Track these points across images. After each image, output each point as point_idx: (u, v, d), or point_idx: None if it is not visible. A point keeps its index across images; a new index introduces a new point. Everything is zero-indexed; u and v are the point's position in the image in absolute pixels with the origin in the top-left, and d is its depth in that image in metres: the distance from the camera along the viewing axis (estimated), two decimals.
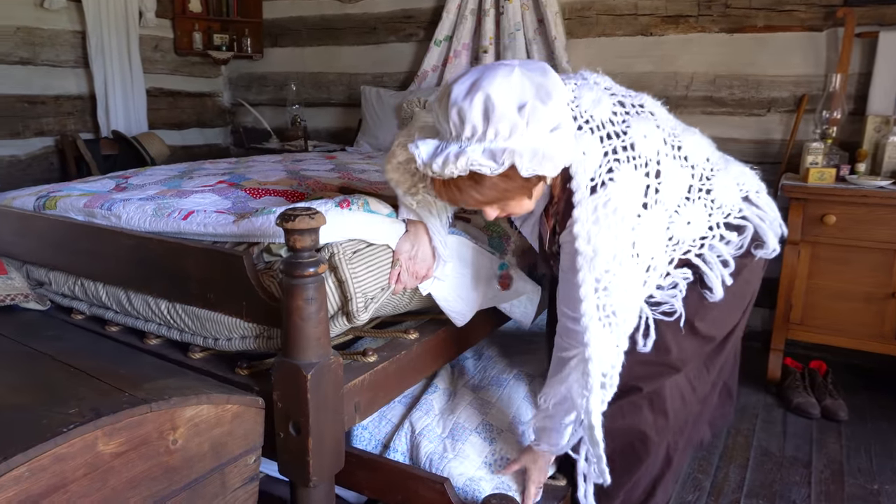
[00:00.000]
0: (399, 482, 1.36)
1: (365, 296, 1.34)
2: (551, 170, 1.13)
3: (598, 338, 1.20)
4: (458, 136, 1.12)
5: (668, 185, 1.25)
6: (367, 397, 1.37)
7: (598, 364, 1.21)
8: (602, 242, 1.17)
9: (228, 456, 1.14)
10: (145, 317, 1.49)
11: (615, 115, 1.25)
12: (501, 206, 1.24)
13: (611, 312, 1.20)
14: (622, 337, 1.23)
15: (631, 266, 1.20)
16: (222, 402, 1.11)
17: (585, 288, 1.19)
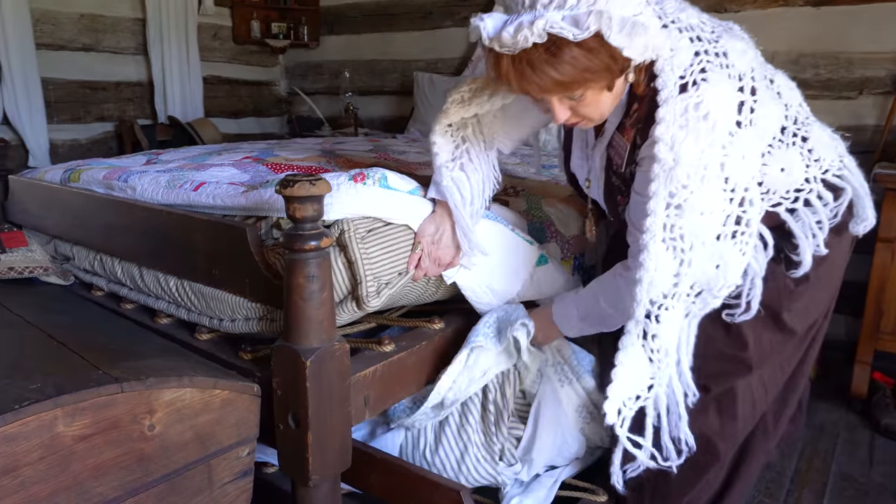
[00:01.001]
0: (411, 487, 1.22)
1: (378, 279, 1.21)
2: (640, 48, 0.96)
3: (656, 259, 1.02)
4: (532, 5, 0.95)
5: (763, 112, 1.05)
6: (379, 390, 1.23)
7: (648, 289, 1.04)
8: (686, 151, 0.99)
9: (216, 447, 1.03)
10: (156, 294, 1.41)
11: (704, 24, 1.07)
12: (576, 103, 1.06)
13: (678, 236, 1.02)
14: (685, 276, 1.04)
15: (714, 190, 1.01)
16: (208, 386, 1.00)
17: (655, 201, 1.01)
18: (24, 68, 3.03)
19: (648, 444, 1.14)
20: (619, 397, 1.12)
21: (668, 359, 1.11)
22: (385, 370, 1.24)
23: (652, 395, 1.13)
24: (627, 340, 1.11)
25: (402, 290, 1.34)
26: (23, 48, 3.02)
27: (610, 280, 1.25)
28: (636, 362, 1.11)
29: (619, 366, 1.11)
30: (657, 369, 1.12)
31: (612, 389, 1.11)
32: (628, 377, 1.12)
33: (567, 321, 1.35)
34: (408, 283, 1.30)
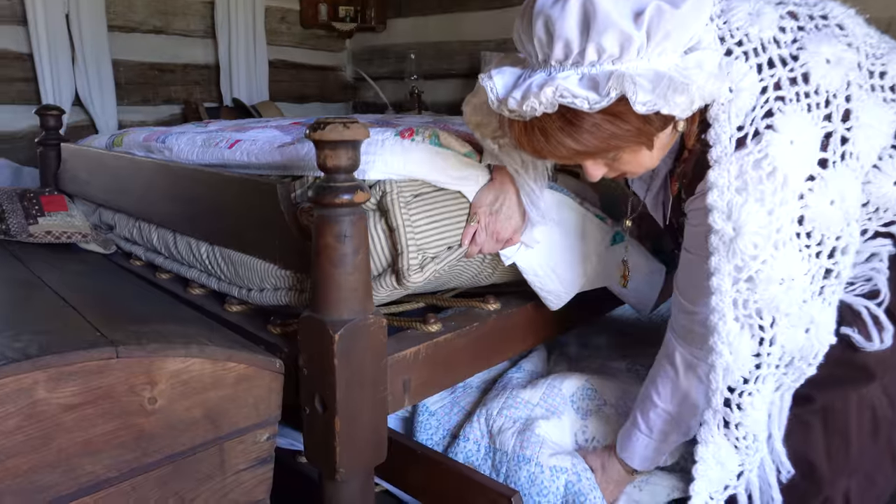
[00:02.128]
0: (455, 488, 1.05)
1: (422, 252, 1.05)
2: (684, 107, 0.79)
3: (730, 341, 0.85)
4: (545, 60, 0.81)
5: (863, 130, 0.85)
6: (421, 375, 1.07)
7: (724, 377, 0.88)
8: (748, 218, 0.81)
9: (230, 428, 0.90)
10: (188, 262, 1.31)
11: (783, 33, 0.86)
12: (609, 161, 0.91)
13: (753, 312, 0.83)
14: (769, 355, 0.87)
15: (794, 252, 0.82)
16: (221, 357, 0.87)
17: (719, 278, 0.84)
18: (96, 50, 3.06)
19: None
20: (705, 494, 0.95)
21: (757, 443, 0.93)
22: (429, 352, 1.08)
23: (742, 482, 0.96)
24: (706, 433, 0.93)
25: (452, 270, 1.17)
26: (95, 30, 3.06)
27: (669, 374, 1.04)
28: (720, 454, 0.93)
29: (700, 462, 0.93)
30: (746, 456, 0.93)
31: (697, 488, 0.94)
32: (713, 472, 0.94)
33: (632, 447, 1.12)
34: (459, 260, 1.13)
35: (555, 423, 1.22)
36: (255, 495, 0.95)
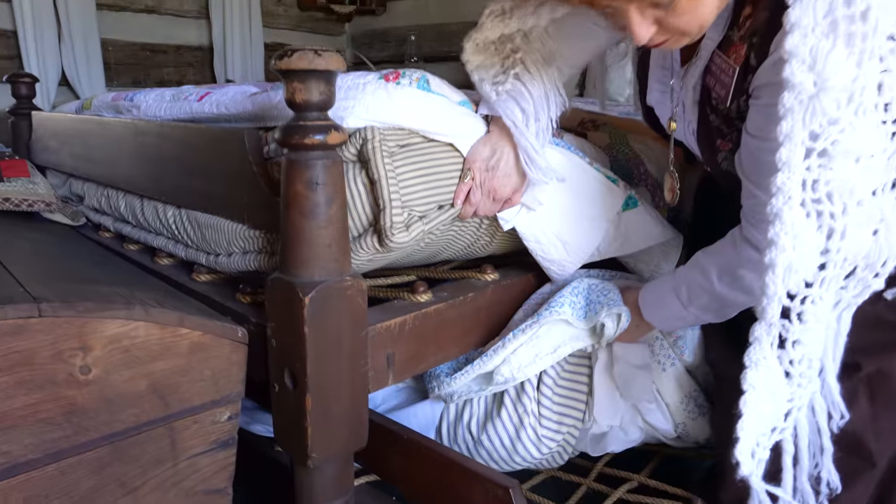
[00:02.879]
0: (445, 477, 0.93)
1: (408, 209, 0.92)
2: None
3: (794, 233, 0.70)
4: None
5: None
6: (407, 349, 0.95)
7: (785, 277, 0.71)
8: (835, 68, 0.65)
9: (183, 405, 0.78)
10: (155, 229, 1.19)
11: None
12: (665, 13, 0.76)
13: (824, 195, 0.69)
14: (837, 253, 0.71)
15: (872, 124, 0.67)
16: (171, 322, 0.75)
17: (789, 148, 0.68)
18: (83, 28, 2.95)
19: (788, 493, 0.80)
20: (753, 435, 0.79)
21: (811, 372, 0.78)
22: (417, 324, 0.95)
23: (790, 424, 0.80)
24: (757, 353, 0.76)
25: (444, 236, 1.05)
26: (83, 7, 2.94)
27: (728, 250, 0.91)
28: (772, 382, 0.78)
29: (749, 390, 0.76)
30: (797, 387, 0.78)
31: (745, 426, 0.76)
32: (763, 405, 0.78)
33: (662, 309, 1.04)
34: (451, 223, 1.01)
35: None
36: (215, 483, 0.82)
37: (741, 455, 0.73)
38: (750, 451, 0.73)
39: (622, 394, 1.13)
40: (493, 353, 1.06)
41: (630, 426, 1.17)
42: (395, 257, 0.99)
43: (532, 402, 1.15)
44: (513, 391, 1.15)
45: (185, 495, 0.80)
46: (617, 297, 1.05)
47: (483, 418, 1.17)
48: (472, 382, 1.12)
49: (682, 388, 1.15)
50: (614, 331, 1.02)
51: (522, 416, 1.14)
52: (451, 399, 1.12)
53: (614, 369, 1.12)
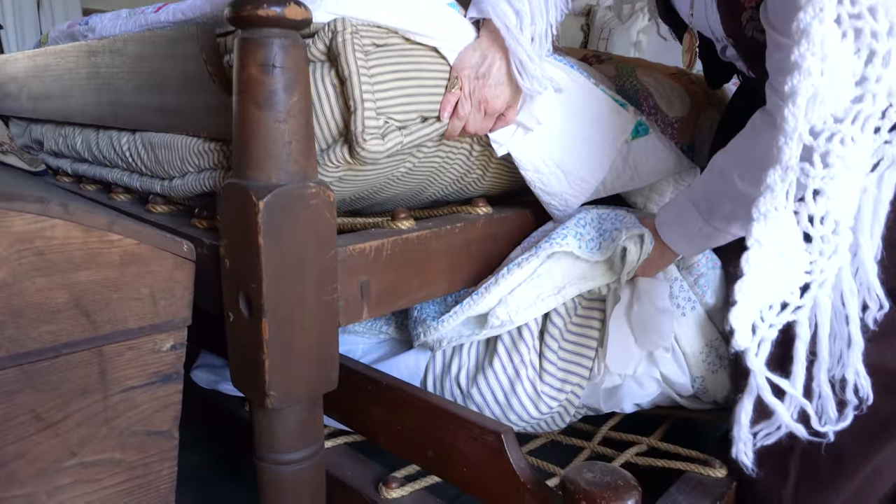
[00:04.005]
0: (428, 425, 0.81)
1: (384, 115, 0.80)
2: None
3: (823, 52, 0.58)
4: None
5: None
6: (385, 279, 0.83)
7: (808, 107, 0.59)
8: None
9: (114, 326, 0.65)
10: (111, 161, 1.07)
11: None
12: None
13: (864, 10, 0.58)
14: (877, 83, 0.59)
15: None
16: (98, 225, 0.63)
17: None
18: None
19: (797, 388, 0.67)
20: (753, 303, 0.65)
21: (838, 238, 0.64)
22: (397, 251, 0.83)
23: (807, 301, 0.66)
24: (767, 203, 0.64)
25: (429, 163, 0.93)
26: None
27: (748, 140, 0.80)
28: (784, 242, 0.64)
29: (754, 247, 0.63)
30: (818, 255, 0.65)
31: (743, 289, 0.63)
32: (771, 268, 0.64)
33: (683, 228, 0.91)
34: (437, 144, 0.89)
35: None
36: (156, 424, 0.70)
37: (737, 322, 0.60)
38: (749, 323, 0.61)
39: (638, 339, 1.01)
40: (486, 290, 0.94)
41: (645, 378, 1.05)
42: (370, 179, 0.87)
43: (530, 352, 1.03)
44: (507, 338, 1.03)
45: (119, 435, 0.68)
46: (635, 220, 0.93)
47: (473, 370, 1.05)
48: (462, 326, 1.00)
49: (703, 336, 1.03)
50: (638, 256, 0.90)
51: (519, 368, 1.02)
52: (438, 346, 1.00)
53: (633, 310, 1.00)
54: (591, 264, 0.97)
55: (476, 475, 0.76)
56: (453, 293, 1.02)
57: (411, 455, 0.84)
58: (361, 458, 0.99)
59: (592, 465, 0.68)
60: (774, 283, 0.63)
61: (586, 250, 0.93)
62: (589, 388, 1.06)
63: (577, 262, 0.96)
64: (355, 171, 0.82)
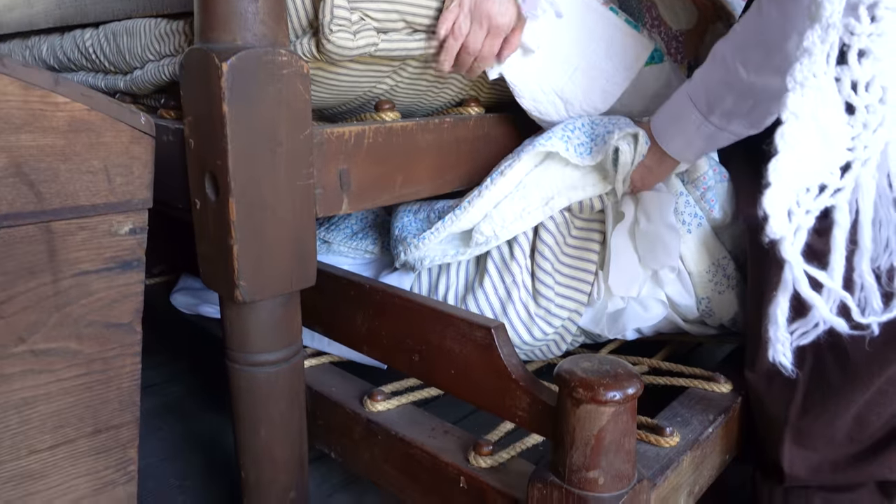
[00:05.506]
0: (414, 330, 0.75)
1: (357, 8, 0.73)
2: None
3: None
4: None
5: None
6: (366, 171, 0.76)
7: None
8: None
9: (64, 201, 0.59)
10: (76, 63, 1.00)
11: None
12: None
13: None
14: None
15: None
16: (40, 83, 0.56)
17: None
18: None
19: (836, 280, 0.61)
20: (790, 185, 0.58)
21: (885, 108, 0.57)
22: (380, 140, 0.76)
23: (848, 183, 0.59)
24: (804, 69, 0.56)
25: (415, 87, 0.87)
26: None
27: (751, 21, 0.72)
28: (824, 114, 0.57)
29: (790, 121, 0.56)
30: (862, 127, 0.58)
31: (778, 168, 0.56)
32: (810, 145, 0.58)
33: (679, 127, 0.84)
34: (423, 63, 0.82)
35: None
36: (115, 316, 0.65)
37: (772, 206, 0.54)
38: (786, 208, 0.55)
39: (642, 259, 0.95)
40: (469, 205, 0.87)
41: (649, 300, 0.99)
42: (343, 88, 0.80)
43: (522, 272, 0.97)
44: (497, 255, 0.97)
45: (74, 324, 0.62)
46: (629, 121, 0.86)
47: (462, 290, 0.99)
48: (446, 245, 0.94)
49: (710, 254, 0.97)
50: (632, 158, 0.83)
51: (510, 289, 0.96)
52: (420, 265, 0.94)
53: (639, 227, 0.94)
54: (581, 172, 0.90)
55: (465, 376, 0.70)
56: (437, 209, 0.96)
57: (397, 361, 0.78)
58: (346, 375, 0.95)
59: (589, 356, 0.63)
60: (812, 163, 0.56)
61: (575, 154, 0.86)
62: (589, 313, 1.01)
63: (566, 170, 0.89)
64: (326, 72, 0.75)
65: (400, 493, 0.82)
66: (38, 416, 0.63)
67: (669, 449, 0.77)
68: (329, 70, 0.77)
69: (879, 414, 0.80)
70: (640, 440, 0.78)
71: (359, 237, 1.09)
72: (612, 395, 0.57)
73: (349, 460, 0.88)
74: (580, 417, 0.58)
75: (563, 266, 0.99)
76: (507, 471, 0.73)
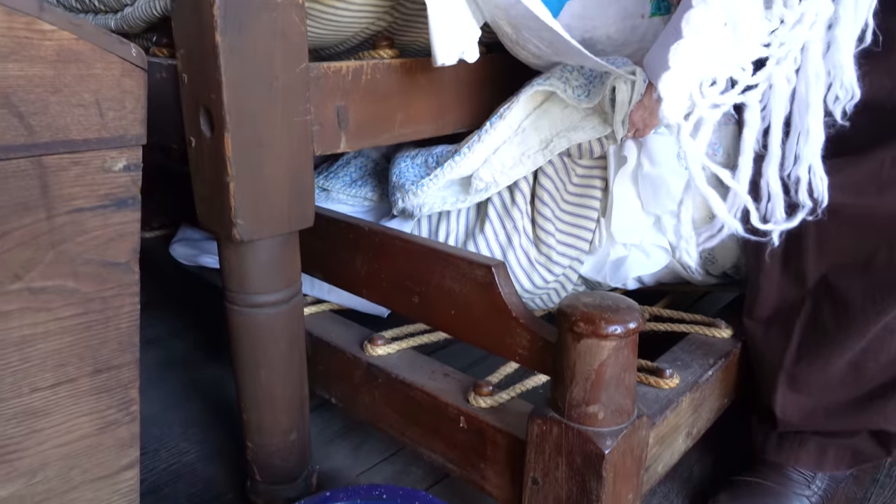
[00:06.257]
0: (414, 271, 0.75)
1: None
2: None
3: None
4: None
5: None
6: (365, 107, 0.75)
7: None
8: None
9: (55, 135, 0.58)
10: (65, 4, 0.97)
11: None
12: None
13: None
14: None
15: None
16: (25, 8, 0.54)
17: None
18: None
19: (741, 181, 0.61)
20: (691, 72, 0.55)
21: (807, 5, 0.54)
22: (378, 77, 0.75)
23: (761, 81, 0.57)
24: None
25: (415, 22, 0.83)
26: None
27: None
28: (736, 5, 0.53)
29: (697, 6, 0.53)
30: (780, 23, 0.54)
31: (679, 52, 0.54)
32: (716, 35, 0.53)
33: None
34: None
35: None
36: (112, 255, 0.64)
37: (667, 90, 0.53)
38: (684, 94, 0.53)
39: (645, 204, 0.93)
40: (469, 150, 0.86)
41: (652, 248, 0.98)
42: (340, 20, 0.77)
43: (523, 217, 0.96)
44: (498, 202, 0.96)
45: (70, 262, 0.61)
46: (627, 61, 0.84)
47: (463, 237, 0.98)
48: (445, 191, 0.93)
49: None
50: (629, 96, 0.81)
51: (511, 234, 0.95)
52: (418, 212, 0.92)
53: (641, 171, 0.92)
54: (581, 115, 0.88)
55: (465, 315, 0.70)
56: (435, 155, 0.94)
57: (396, 303, 0.78)
58: (346, 321, 0.94)
59: (591, 292, 0.62)
60: (720, 53, 0.54)
61: (573, 96, 0.84)
62: (590, 261, 1.00)
63: (565, 112, 0.87)
64: (323, 5, 0.73)
65: (400, 435, 0.83)
66: (39, 355, 0.63)
67: (669, 391, 0.77)
68: (326, 3, 0.75)
69: (876, 361, 0.80)
70: (640, 383, 0.79)
71: (358, 185, 1.08)
72: (614, 328, 0.56)
73: (349, 405, 0.89)
74: (581, 352, 0.58)
75: (563, 213, 0.98)
76: (506, 410, 0.73)
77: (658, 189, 0.92)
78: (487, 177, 0.88)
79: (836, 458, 0.87)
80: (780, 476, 0.88)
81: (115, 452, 0.71)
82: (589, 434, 0.60)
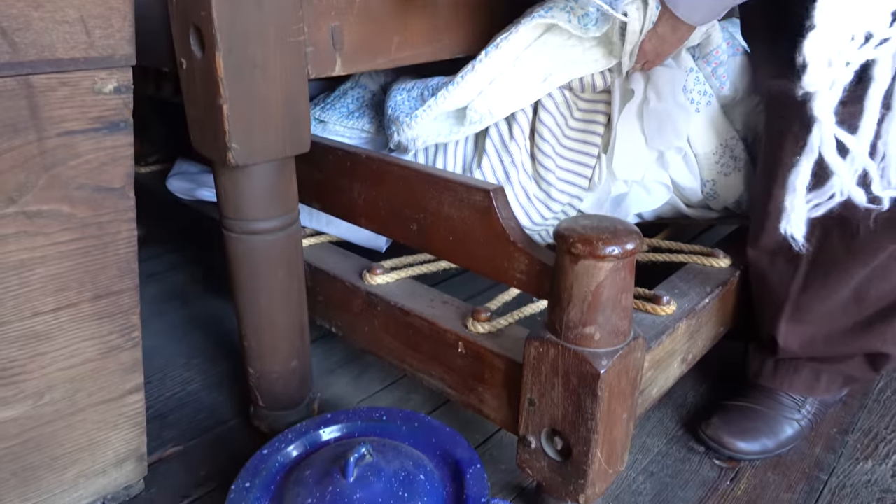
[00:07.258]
0: (411, 198, 0.74)
1: None
2: None
3: None
4: None
5: None
6: (360, 29, 0.72)
7: None
8: None
9: (41, 53, 0.56)
10: None
11: None
12: None
13: None
14: None
15: None
16: None
17: None
18: None
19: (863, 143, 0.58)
20: (835, 30, 0.53)
21: None
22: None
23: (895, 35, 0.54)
24: None
25: None
26: None
27: None
28: None
29: None
30: None
31: (824, 9, 0.52)
32: None
33: None
34: None
35: None
36: (106, 179, 0.63)
37: (812, 53, 0.50)
38: (827, 58, 0.51)
39: (649, 139, 0.92)
40: (462, 80, 0.83)
41: (653, 184, 0.97)
42: None
43: (521, 153, 0.94)
44: (496, 135, 0.94)
45: (64, 186, 0.61)
46: None
47: (460, 171, 0.97)
48: (440, 123, 0.91)
49: (718, 135, 0.94)
50: (641, 24, 0.78)
51: (509, 170, 0.94)
52: (413, 146, 0.91)
53: (647, 106, 0.90)
54: (584, 48, 0.85)
55: (464, 241, 0.70)
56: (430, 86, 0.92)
57: (395, 231, 0.78)
58: (345, 252, 0.95)
59: (589, 215, 0.62)
60: (862, 5, 0.52)
61: (578, 25, 0.81)
62: (590, 198, 0.99)
63: (567, 44, 0.84)
64: None
65: (400, 362, 0.84)
66: (38, 279, 0.63)
67: (666, 317, 0.78)
68: None
69: (878, 288, 0.80)
70: (637, 309, 0.79)
71: (355, 116, 1.06)
72: (611, 249, 0.56)
73: (349, 333, 0.90)
74: (578, 273, 0.58)
75: (564, 150, 0.96)
76: (504, 336, 0.74)
77: (664, 124, 0.90)
78: (482, 108, 0.86)
79: (829, 382, 0.89)
80: (771, 401, 0.90)
81: (119, 377, 0.73)
82: (585, 354, 0.61)
